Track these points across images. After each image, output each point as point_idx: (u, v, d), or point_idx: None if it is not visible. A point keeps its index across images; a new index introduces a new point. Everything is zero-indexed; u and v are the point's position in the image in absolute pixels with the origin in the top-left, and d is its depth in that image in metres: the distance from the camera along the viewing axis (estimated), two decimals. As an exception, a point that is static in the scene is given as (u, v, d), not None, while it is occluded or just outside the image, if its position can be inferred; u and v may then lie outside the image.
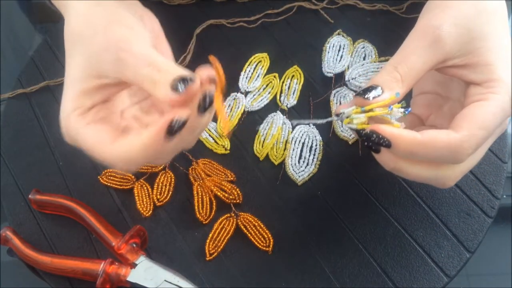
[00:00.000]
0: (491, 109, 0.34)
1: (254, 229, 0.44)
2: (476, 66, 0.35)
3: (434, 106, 0.42)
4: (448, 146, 0.33)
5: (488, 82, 0.35)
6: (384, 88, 0.35)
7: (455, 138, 0.33)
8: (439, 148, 0.33)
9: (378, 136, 0.33)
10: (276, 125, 0.50)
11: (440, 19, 0.35)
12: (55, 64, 0.57)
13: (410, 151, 0.33)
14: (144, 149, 0.32)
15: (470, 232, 0.43)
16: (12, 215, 0.47)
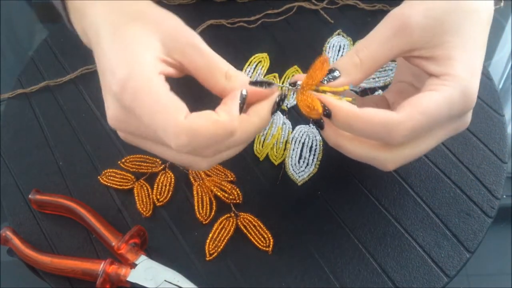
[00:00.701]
0: (437, 99, 0.34)
1: (254, 229, 0.44)
2: (438, 59, 0.36)
3: (404, 95, 0.42)
4: (384, 123, 0.33)
5: (444, 75, 0.35)
6: (341, 71, 0.36)
7: (392, 118, 0.33)
8: (375, 124, 0.33)
9: (323, 106, 0.34)
10: (276, 125, 0.50)
11: (412, 8, 0.35)
12: (55, 64, 0.57)
13: (348, 123, 0.34)
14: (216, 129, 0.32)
15: (470, 232, 0.43)
16: (12, 215, 0.47)
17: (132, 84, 0.31)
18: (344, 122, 0.34)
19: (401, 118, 0.33)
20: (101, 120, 0.52)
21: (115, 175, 0.48)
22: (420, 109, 0.34)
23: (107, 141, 0.51)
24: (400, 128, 0.33)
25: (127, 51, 0.32)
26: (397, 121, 0.33)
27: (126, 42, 0.33)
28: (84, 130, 0.52)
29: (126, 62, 0.32)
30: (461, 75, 0.35)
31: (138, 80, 0.31)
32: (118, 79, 0.31)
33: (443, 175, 0.46)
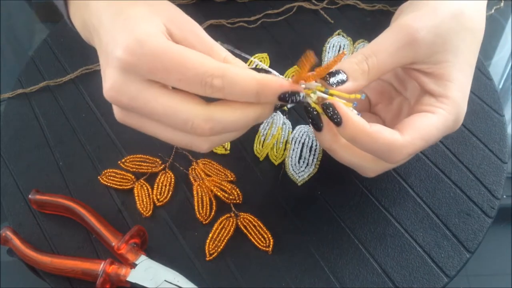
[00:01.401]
0: (436, 124, 0.35)
1: (254, 229, 0.44)
2: (438, 78, 0.36)
3: (386, 96, 0.43)
4: (389, 145, 0.34)
5: (442, 97, 0.36)
6: (349, 76, 0.36)
7: (397, 140, 0.34)
8: (380, 143, 0.34)
9: (334, 111, 0.34)
10: (276, 125, 0.50)
11: (421, 22, 0.36)
12: (55, 64, 0.57)
13: (355, 137, 0.34)
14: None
15: (470, 232, 0.43)
16: (12, 215, 0.47)
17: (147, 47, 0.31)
18: (351, 134, 0.34)
19: (404, 143, 0.34)
20: (101, 120, 0.52)
21: (115, 175, 0.48)
22: (422, 134, 0.35)
23: (107, 141, 0.51)
24: (403, 152, 0.34)
25: (131, 23, 0.32)
26: (401, 145, 0.34)
27: (130, 17, 0.33)
28: (84, 130, 0.52)
29: (132, 31, 0.32)
30: (457, 100, 0.36)
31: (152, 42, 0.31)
32: (125, 46, 0.31)
33: (443, 175, 0.46)
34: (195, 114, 0.32)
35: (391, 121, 0.41)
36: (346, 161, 0.37)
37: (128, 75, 0.32)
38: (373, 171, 0.38)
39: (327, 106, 0.34)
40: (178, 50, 0.31)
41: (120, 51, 0.31)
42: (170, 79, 0.31)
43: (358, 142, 0.34)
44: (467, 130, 0.49)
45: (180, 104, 0.32)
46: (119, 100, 0.33)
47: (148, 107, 0.32)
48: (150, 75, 0.32)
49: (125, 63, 0.31)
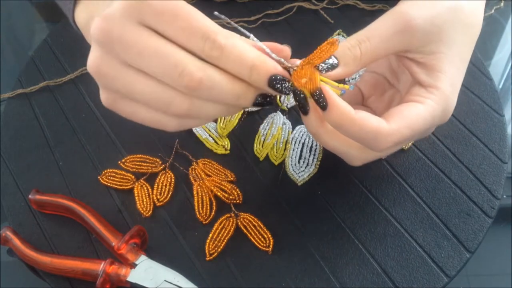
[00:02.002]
0: (423, 114, 0.35)
1: (254, 229, 0.44)
2: (430, 69, 0.36)
3: (379, 89, 0.43)
4: (374, 132, 0.34)
5: (432, 88, 0.36)
6: (340, 62, 0.35)
7: (383, 128, 0.34)
8: (366, 131, 0.34)
9: (320, 94, 0.34)
10: (276, 125, 0.50)
11: (418, 11, 0.36)
12: (55, 64, 0.57)
13: (340, 123, 0.34)
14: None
15: (470, 232, 0.43)
16: (12, 215, 0.47)
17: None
18: (337, 120, 0.34)
19: (390, 130, 0.34)
20: (101, 120, 0.52)
21: (115, 175, 0.48)
22: (408, 123, 0.35)
23: (107, 141, 0.51)
24: (388, 139, 0.34)
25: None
26: (386, 133, 0.34)
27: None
28: (84, 130, 0.52)
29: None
30: (446, 91, 0.36)
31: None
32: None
33: (443, 175, 0.46)
34: (188, 60, 0.31)
35: (382, 113, 0.40)
36: (331, 147, 0.37)
37: (131, 12, 0.30)
38: (359, 159, 0.38)
39: (314, 93, 0.34)
40: (189, 5, 0.31)
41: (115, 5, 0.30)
42: (173, 25, 0.30)
43: (343, 128, 0.34)
44: (467, 130, 0.49)
45: (174, 49, 0.31)
46: (110, 31, 0.31)
47: (138, 44, 0.31)
48: (153, 18, 0.30)
49: (129, 3, 0.30)
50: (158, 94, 0.32)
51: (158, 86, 0.32)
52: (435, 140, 0.49)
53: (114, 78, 0.32)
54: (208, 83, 0.31)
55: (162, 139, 0.50)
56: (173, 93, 0.32)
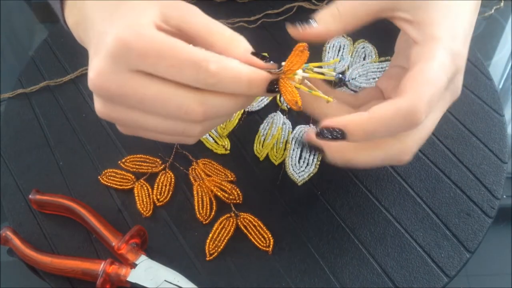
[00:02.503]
0: (430, 67, 0.33)
1: (254, 229, 0.44)
2: (420, 24, 0.35)
3: (396, 80, 0.41)
4: (398, 113, 0.32)
5: (426, 41, 0.34)
6: (319, 21, 0.35)
7: (402, 103, 0.32)
8: (389, 119, 0.32)
9: (329, 130, 0.33)
10: (276, 125, 0.50)
11: None
12: (55, 64, 0.57)
13: (365, 133, 0.32)
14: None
15: (470, 232, 0.43)
16: (12, 215, 0.47)
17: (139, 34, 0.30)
18: (360, 133, 0.32)
19: (412, 99, 0.32)
20: (101, 120, 0.52)
21: (115, 175, 0.48)
22: (423, 81, 0.32)
23: (107, 141, 0.51)
24: (417, 108, 0.31)
25: (125, 13, 0.32)
26: (410, 104, 0.32)
27: (125, 8, 0.32)
28: (84, 130, 0.52)
29: (125, 20, 0.31)
30: (443, 38, 0.34)
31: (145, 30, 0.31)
32: (116, 33, 0.30)
33: (443, 175, 0.46)
34: (188, 99, 0.32)
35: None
36: (369, 162, 0.35)
37: (117, 62, 0.31)
38: (406, 151, 0.35)
39: (322, 132, 0.33)
40: (172, 39, 0.31)
41: (110, 38, 0.30)
42: (162, 65, 0.31)
43: (373, 134, 0.32)
44: (467, 130, 0.49)
45: (172, 90, 0.31)
46: (107, 88, 0.31)
47: (138, 94, 0.31)
48: (140, 62, 0.31)
49: (115, 49, 0.30)
50: (170, 126, 0.33)
51: (166, 120, 0.33)
52: (435, 140, 0.49)
53: (124, 119, 0.34)
54: (212, 111, 0.33)
55: (162, 139, 0.50)
56: (182, 123, 0.33)
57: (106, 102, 0.33)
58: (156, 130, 0.34)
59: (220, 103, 0.33)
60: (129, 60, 0.31)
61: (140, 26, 0.31)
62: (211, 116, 0.33)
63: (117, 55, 0.30)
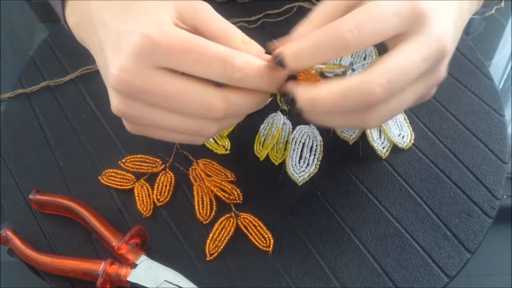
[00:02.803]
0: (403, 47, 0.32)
1: (254, 229, 0.44)
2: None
3: None
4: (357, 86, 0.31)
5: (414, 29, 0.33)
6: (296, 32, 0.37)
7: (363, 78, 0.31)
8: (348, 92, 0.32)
9: (277, 57, 0.34)
10: (276, 126, 0.50)
11: None
12: (55, 64, 0.57)
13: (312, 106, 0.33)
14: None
15: (471, 232, 0.43)
16: (12, 215, 0.47)
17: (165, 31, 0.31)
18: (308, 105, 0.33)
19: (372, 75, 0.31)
20: (102, 120, 0.52)
21: (116, 175, 0.48)
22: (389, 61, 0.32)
23: (107, 141, 0.51)
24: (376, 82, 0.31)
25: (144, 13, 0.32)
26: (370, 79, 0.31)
27: (142, 9, 0.32)
28: (85, 130, 0.52)
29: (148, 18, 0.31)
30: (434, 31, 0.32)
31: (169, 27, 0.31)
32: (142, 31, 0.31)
33: (443, 175, 0.46)
34: (211, 95, 0.33)
35: None
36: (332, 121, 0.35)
37: (143, 59, 0.31)
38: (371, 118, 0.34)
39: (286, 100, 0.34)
40: (195, 36, 0.32)
41: (136, 36, 0.31)
42: (188, 61, 0.31)
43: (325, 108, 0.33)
44: (467, 130, 0.49)
45: (196, 86, 0.32)
46: (131, 84, 0.32)
47: (162, 91, 0.32)
48: (166, 58, 0.31)
49: (141, 46, 0.31)
50: (188, 124, 0.34)
51: (186, 118, 0.34)
52: (435, 140, 0.49)
53: (141, 118, 0.34)
54: (233, 108, 0.34)
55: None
56: (201, 121, 0.34)
57: (126, 98, 0.33)
58: (172, 128, 0.34)
59: (241, 100, 0.34)
60: (155, 57, 0.31)
61: (164, 24, 0.31)
62: (231, 113, 0.34)
63: (144, 52, 0.31)
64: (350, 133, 0.49)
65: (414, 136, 0.49)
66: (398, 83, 0.32)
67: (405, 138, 0.48)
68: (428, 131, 0.49)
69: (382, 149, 0.48)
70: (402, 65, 0.32)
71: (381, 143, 0.48)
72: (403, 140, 0.48)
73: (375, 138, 0.48)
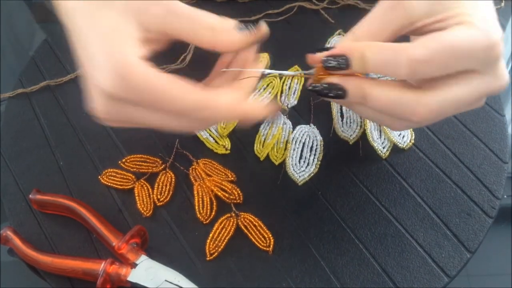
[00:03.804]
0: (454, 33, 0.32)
1: (254, 229, 0.44)
2: (446, 20, 0.33)
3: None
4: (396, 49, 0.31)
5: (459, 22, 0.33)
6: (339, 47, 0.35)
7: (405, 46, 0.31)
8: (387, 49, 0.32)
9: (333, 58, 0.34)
10: (276, 125, 0.50)
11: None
12: (55, 64, 0.57)
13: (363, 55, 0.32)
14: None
15: (471, 232, 0.43)
16: (13, 215, 0.47)
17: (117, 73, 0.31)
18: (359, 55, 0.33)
19: (416, 45, 0.31)
20: (102, 120, 0.52)
21: (116, 175, 0.48)
22: (437, 39, 0.31)
23: (107, 141, 0.51)
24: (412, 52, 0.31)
25: (107, 41, 0.32)
26: (410, 47, 0.31)
27: (105, 31, 0.32)
28: (85, 130, 0.52)
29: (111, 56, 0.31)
30: (479, 23, 0.32)
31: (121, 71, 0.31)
32: (106, 79, 0.31)
33: (443, 175, 0.46)
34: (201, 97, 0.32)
35: None
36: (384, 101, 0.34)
37: (117, 101, 0.32)
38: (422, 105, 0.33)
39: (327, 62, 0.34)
40: (162, 85, 0.31)
41: (103, 83, 0.31)
42: (158, 111, 0.32)
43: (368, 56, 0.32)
44: (467, 130, 0.49)
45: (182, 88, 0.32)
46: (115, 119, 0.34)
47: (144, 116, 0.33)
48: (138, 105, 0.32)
49: (110, 95, 0.31)
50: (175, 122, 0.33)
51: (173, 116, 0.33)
52: (436, 140, 0.49)
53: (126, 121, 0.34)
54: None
55: (162, 139, 0.50)
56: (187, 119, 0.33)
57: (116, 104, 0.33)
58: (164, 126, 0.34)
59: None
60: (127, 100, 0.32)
61: (129, 67, 0.31)
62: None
63: (114, 98, 0.32)
64: (350, 133, 0.49)
65: (414, 136, 0.49)
66: (446, 114, 0.33)
67: (405, 138, 0.48)
68: (428, 131, 0.49)
69: (382, 149, 0.48)
70: (458, 98, 0.33)
71: (381, 142, 0.48)
72: (403, 140, 0.48)
73: (375, 138, 0.48)
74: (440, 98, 0.33)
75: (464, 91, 0.33)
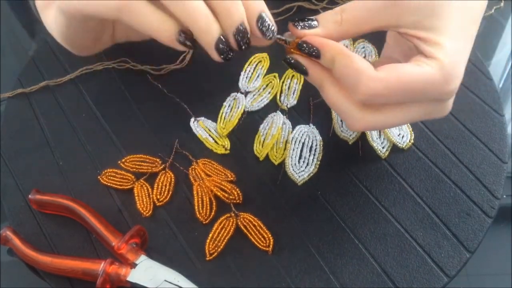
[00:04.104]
0: (417, 73, 0.34)
1: (254, 229, 0.44)
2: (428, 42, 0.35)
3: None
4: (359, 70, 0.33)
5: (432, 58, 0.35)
6: (320, 22, 0.36)
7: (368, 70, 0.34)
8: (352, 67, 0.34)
9: (308, 45, 0.35)
10: (276, 125, 0.50)
11: None
12: (55, 64, 0.57)
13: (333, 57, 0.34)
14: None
15: (470, 232, 0.43)
16: (12, 215, 0.47)
17: None
18: (331, 55, 0.34)
19: (375, 76, 0.33)
20: (101, 120, 0.52)
21: (115, 175, 0.48)
22: (398, 76, 0.34)
23: (107, 141, 0.51)
24: (370, 84, 0.33)
25: None
26: (370, 76, 0.33)
27: None
28: (84, 130, 0.52)
29: None
30: (444, 62, 0.34)
31: None
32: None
33: (443, 175, 0.46)
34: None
35: None
36: (333, 101, 0.37)
37: None
38: (360, 120, 0.36)
39: (301, 45, 0.35)
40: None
41: None
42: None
43: (337, 62, 0.34)
44: (467, 130, 0.49)
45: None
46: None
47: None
48: None
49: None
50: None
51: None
52: (435, 140, 0.49)
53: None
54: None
55: (162, 139, 0.50)
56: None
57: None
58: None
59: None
60: None
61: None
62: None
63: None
64: (349, 133, 0.49)
65: (413, 136, 0.49)
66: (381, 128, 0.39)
67: (404, 138, 0.48)
68: (427, 131, 0.49)
69: (381, 149, 0.48)
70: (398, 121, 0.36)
71: (381, 142, 0.48)
72: (402, 140, 0.48)
73: (374, 138, 0.48)
74: (380, 119, 0.36)
75: (405, 116, 0.36)
